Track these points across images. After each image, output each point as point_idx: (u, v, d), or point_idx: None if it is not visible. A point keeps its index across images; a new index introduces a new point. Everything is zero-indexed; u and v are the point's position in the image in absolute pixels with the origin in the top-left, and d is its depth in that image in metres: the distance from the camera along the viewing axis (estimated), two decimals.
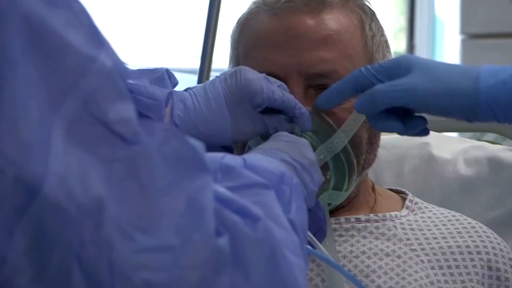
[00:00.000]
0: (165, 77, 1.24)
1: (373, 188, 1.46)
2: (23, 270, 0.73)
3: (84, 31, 0.78)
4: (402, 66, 1.21)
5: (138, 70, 1.24)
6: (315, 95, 1.30)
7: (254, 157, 0.97)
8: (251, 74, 1.23)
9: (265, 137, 1.27)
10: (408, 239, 1.35)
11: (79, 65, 0.76)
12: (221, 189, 0.84)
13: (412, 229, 1.37)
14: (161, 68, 1.26)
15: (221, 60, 1.48)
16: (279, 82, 1.25)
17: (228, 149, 1.51)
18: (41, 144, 0.73)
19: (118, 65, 0.82)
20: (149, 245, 0.76)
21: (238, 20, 1.41)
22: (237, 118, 1.23)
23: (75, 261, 0.74)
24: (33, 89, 0.74)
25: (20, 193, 0.72)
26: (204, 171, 0.82)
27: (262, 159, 0.97)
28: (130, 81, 1.19)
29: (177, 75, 1.30)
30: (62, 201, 0.73)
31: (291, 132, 1.19)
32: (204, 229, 0.79)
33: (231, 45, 1.41)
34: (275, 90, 1.22)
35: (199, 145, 0.83)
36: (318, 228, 1.23)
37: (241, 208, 0.83)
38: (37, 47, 0.75)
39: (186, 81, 1.30)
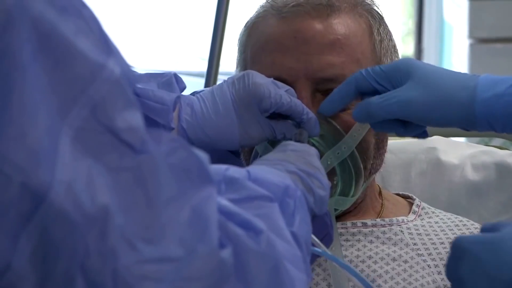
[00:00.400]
0: (172, 81, 1.24)
1: (380, 193, 1.45)
2: (27, 276, 0.73)
3: (94, 38, 0.78)
4: (401, 71, 1.22)
5: (146, 74, 1.24)
6: (323, 99, 1.29)
7: (258, 169, 0.98)
8: (259, 79, 1.23)
9: (272, 142, 1.27)
10: (415, 244, 1.35)
11: (88, 72, 0.76)
12: (224, 201, 0.85)
13: (419, 234, 1.37)
14: (169, 72, 1.26)
15: (229, 63, 1.48)
16: (287, 87, 1.25)
17: (235, 153, 1.51)
18: (48, 151, 0.73)
19: (127, 71, 0.82)
20: (153, 256, 0.76)
21: (246, 24, 1.40)
22: (245, 123, 1.22)
23: (79, 269, 0.74)
24: (42, 95, 0.74)
25: (26, 199, 0.72)
26: (208, 182, 0.82)
27: (267, 171, 0.98)
28: (138, 86, 1.19)
29: (184, 78, 1.30)
30: (68, 209, 0.73)
31: (299, 139, 1.19)
32: (208, 241, 0.79)
33: (239, 49, 1.41)
34: (283, 95, 1.22)
35: (204, 157, 0.83)
36: (325, 234, 1.23)
37: (244, 221, 0.83)
38: (47, 53, 0.75)
39: (193, 84, 1.30)
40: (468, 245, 0.99)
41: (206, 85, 2.21)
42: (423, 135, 1.26)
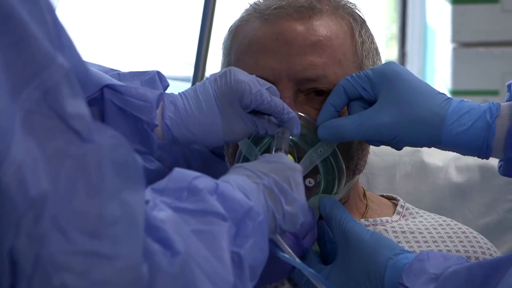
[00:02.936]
0: (156, 79, 1.25)
1: (364, 195, 1.46)
2: None
3: (46, 28, 0.79)
4: (385, 77, 1.26)
5: (129, 72, 1.25)
6: (305, 100, 1.32)
7: (234, 181, 0.99)
8: (241, 75, 1.24)
9: (255, 140, 1.28)
10: (399, 242, 1.35)
11: (43, 58, 0.77)
12: (154, 213, 0.85)
13: (404, 232, 1.38)
14: (152, 71, 1.26)
15: (214, 68, 1.48)
16: (269, 85, 1.26)
17: (220, 156, 1.51)
18: (5, 128, 0.73)
19: (78, 67, 0.82)
20: (85, 249, 0.76)
21: (230, 28, 1.42)
22: (228, 119, 1.23)
23: (7, 247, 0.74)
24: None
25: None
26: (142, 186, 0.83)
27: (240, 186, 0.98)
28: (121, 83, 1.20)
29: (171, 83, 1.30)
30: (13, 189, 0.73)
31: (281, 137, 1.21)
32: (135, 250, 0.79)
33: (223, 52, 1.42)
34: (264, 93, 1.23)
35: (140, 160, 0.84)
36: (308, 231, 1.24)
37: (165, 239, 0.84)
38: (4, 32, 0.76)
39: (178, 89, 1.30)
40: None
41: None
42: (399, 148, 1.31)
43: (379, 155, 1.69)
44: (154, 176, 1.47)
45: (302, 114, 1.29)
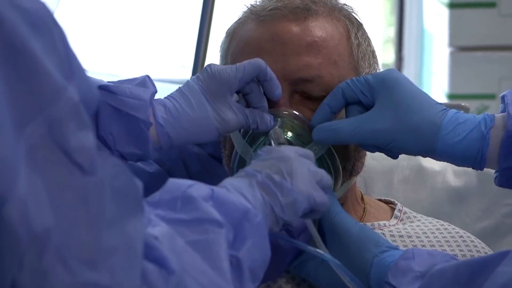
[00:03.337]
0: (147, 80, 1.26)
1: (362, 198, 1.46)
2: None
3: (59, 58, 0.79)
4: (385, 84, 1.26)
5: (119, 81, 1.25)
6: (300, 100, 1.32)
7: (228, 186, 0.99)
8: (221, 66, 1.26)
9: (250, 140, 1.28)
10: (397, 246, 1.35)
11: (51, 91, 0.77)
12: (149, 229, 0.85)
13: (401, 236, 1.38)
14: (142, 76, 1.27)
15: None
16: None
17: (218, 159, 1.51)
18: (10, 162, 0.74)
19: (87, 93, 0.82)
20: (87, 280, 0.76)
21: (227, 31, 1.42)
22: (218, 109, 1.24)
23: (9, 282, 0.74)
24: (3, 105, 0.74)
25: None
26: (141, 213, 0.83)
27: (236, 187, 0.99)
28: (114, 84, 1.20)
29: (167, 86, 1.31)
30: (17, 224, 0.74)
31: (275, 137, 1.22)
32: (134, 277, 0.80)
33: (221, 55, 1.42)
34: (246, 64, 1.26)
35: (140, 185, 0.84)
36: (303, 228, 1.24)
37: (160, 258, 0.84)
38: (14, 65, 0.76)
39: None
40: None
41: None
42: (394, 156, 1.31)
43: (377, 159, 1.69)
44: (153, 178, 1.48)
45: (297, 113, 1.30)
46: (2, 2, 0.76)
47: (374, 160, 1.67)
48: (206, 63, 2.07)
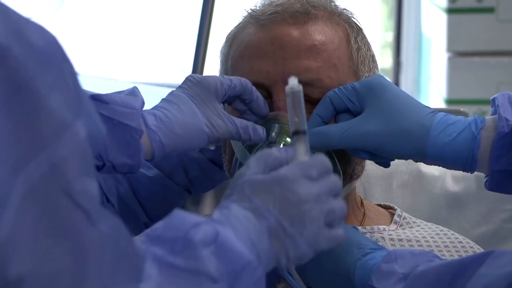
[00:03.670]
0: (136, 90, 1.25)
1: (361, 203, 1.46)
2: None
3: (68, 95, 0.78)
4: (372, 90, 1.26)
5: (108, 94, 1.24)
6: None
7: (235, 225, 0.93)
8: (205, 75, 1.27)
9: (249, 146, 1.28)
10: None
11: (54, 131, 0.76)
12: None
13: (400, 240, 1.38)
14: (130, 87, 1.27)
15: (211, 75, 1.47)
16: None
17: (218, 165, 1.51)
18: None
19: (95, 129, 0.80)
20: None
21: (227, 36, 1.43)
22: (208, 116, 1.24)
23: None
24: (2, 142, 0.73)
25: None
26: (138, 279, 0.80)
27: (244, 230, 0.93)
28: (105, 93, 1.20)
29: (165, 91, 1.30)
30: None
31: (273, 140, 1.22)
32: None
33: (221, 60, 1.42)
34: (233, 78, 1.26)
35: (139, 249, 0.82)
36: None
37: None
38: (17, 103, 0.74)
39: None
40: None
41: None
42: (385, 165, 1.32)
43: (375, 164, 1.69)
44: (152, 183, 1.48)
45: None
46: (10, 37, 0.75)
47: (373, 165, 1.66)
48: (205, 68, 2.07)
